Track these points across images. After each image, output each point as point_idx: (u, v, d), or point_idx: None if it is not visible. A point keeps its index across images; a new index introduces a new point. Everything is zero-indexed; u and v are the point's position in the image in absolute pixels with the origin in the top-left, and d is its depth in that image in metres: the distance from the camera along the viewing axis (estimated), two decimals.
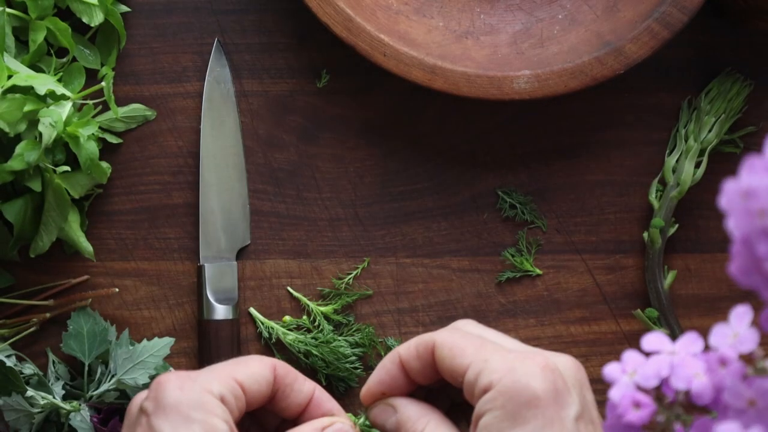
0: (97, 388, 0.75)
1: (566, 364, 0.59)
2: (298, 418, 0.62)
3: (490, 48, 0.78)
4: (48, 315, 0.77)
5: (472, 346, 0.59)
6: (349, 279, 0.80)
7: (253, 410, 0.63)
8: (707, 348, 0.45)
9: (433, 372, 0.61)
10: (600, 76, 0.76)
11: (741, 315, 0.44)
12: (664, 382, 0.45)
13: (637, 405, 0.45)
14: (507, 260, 0.80)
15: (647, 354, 0.46)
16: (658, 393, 0.46)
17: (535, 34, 0.78)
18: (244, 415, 0.62)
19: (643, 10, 0.76)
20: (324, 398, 0.63)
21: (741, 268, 0.40)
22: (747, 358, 0.43)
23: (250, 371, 0.60)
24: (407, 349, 0.61)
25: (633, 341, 0.80)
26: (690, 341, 0.46)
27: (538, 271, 0.80)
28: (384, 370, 0.62)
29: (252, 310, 0.79)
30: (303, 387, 0.62)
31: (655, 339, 0.47)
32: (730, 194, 0.39)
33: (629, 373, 0.46)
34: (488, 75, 0.76)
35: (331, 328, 0.79)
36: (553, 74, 0.76)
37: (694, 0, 0.75)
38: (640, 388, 0.46)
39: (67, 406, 0.74)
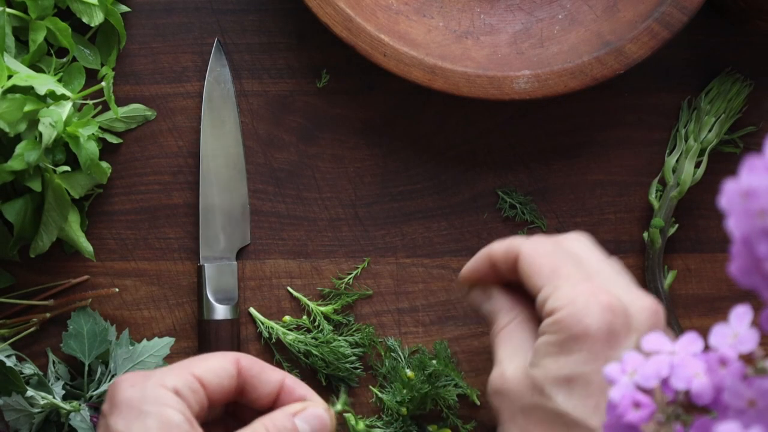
0: (97, 388, 0.75)
1: (641, 306, 0.61)
2: (272, 408, 0.62)
3: (490, 48, 0.78)
4: (48, 315, 0.77)
5: (549, 269, 0.62)
6: (349, 279, 0.80)
7: (230, 406, 0.63)
8: (707, 348, 0.45)
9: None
10: (600, 76, 0.76)
11: (741, 315, 0.44)
12: (664, 382, 0.45)
13: (637, 405, 0.45)
14: None
15: (647, 354, 0.46)
16: (658, 393, 0.46)
17: (535, 34, 0.78)
18: (223, 412, 0.63)
19: (643, 10, 0.76)
20: (296, 385, 0.63)
21: (741, 268, 0.40)
22: (747, 358, 0.43)
23: (209, 365, 0.61)
24: (498, 251, 0.66)
25: None
26: (690, 341, 0.46)
27: None
28: (478, 262, 0.67)
29: (252, 310, 0.79)
30: (270, 377, 0.62)
31: (655, 339, 0.47)
32: (730, 194, 0.39)
33: (629, 373, 0.46)
34: (488, 75, 0.76)
35: (331, 328, 0.79)
36: (553, 74, 0.76)
37: (694, 0, 0.75)
38: (640, 388, 0.46)
39: (67, 406, 0.74)
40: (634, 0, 0.77)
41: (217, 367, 0.61)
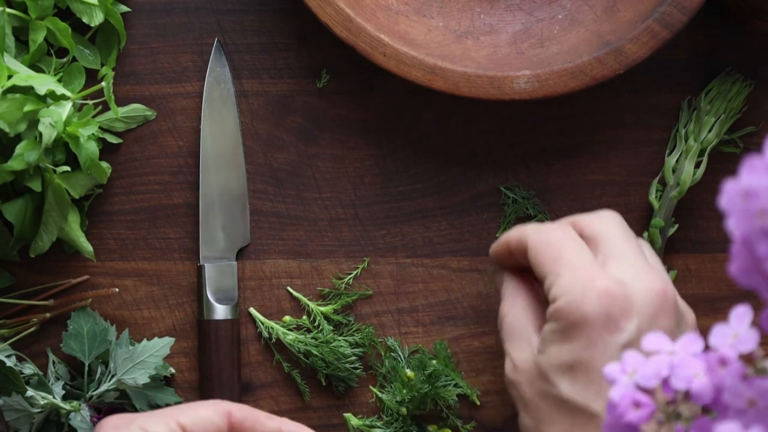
0: (97, 388, 0.75)
1: (646, 289, 0.63)
2: None
3: (490, 48, 0.78)
4: (48, 315, 0.77)
5: (551, 257, 0.65)
6: (349, 279, 0.80)
7: None
8: (707, 348, 0.45)
9: None
10: (600, 76, 0.76)
11: (741, 315, 0.44)
12: (664, 382, 0.45)
13: (637, 405, 0.45)
14: None
15: (647, 354, 0.46)
16: (658, 393, 0.46)
17: (535, 34, 0.78)
18: None
19: (643, 10, 0.76)
20: (293, 431, 0.63)
21: (741, 268, 0.40)
22: (747, 358, 0.43)
23: (197, 416, 0.60)
24: (513, 239, 0.69)
25: None
26: (690, 341, 0.46)
27: None
28: (499, 247, 0.71)
29: (252, 310, 0.79)
30: (265, 428, 0.62)
31: (655, 339, 0.47)
32: (730, 194, 0.39)
33: (629, 373, 0.46)
34: (488, 75, 0.76)
35: (331, 328, 0.79)
36: (553, 74, 0.76)
37: (694, 0, 0.75)
38: (640, 388, 0.46)
39: (67, 406, 0.74)
40: (634, 0, 0.77)
41: (204, 419, 0.60)
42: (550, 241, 0.66)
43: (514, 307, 0.69)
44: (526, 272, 0.71)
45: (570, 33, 0.78)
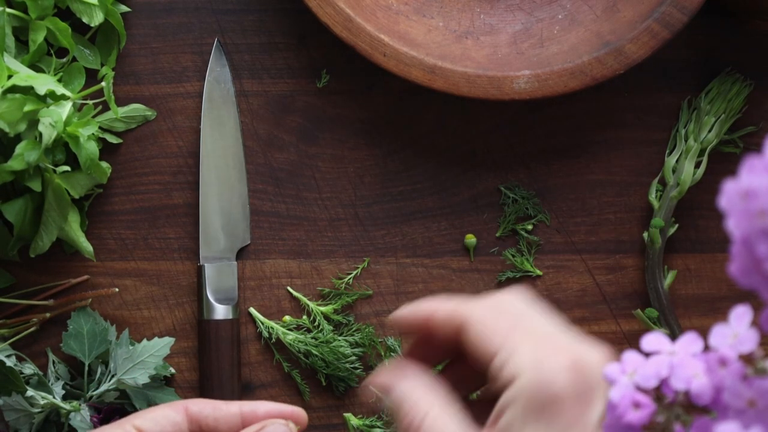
0: (97, 388, 0.75)
1: (599, 359, 0.54)
2: None
3: (490, 48, 0.78)
4: (48, 315, 0.77)
5: (503, 331, 0.55)
6: (349, 279, 0.80)
7: None
8: (707, 348, 0.45)
9: (457, 345, 0.56)
10: (600, 76, 0.76)
11: (741, 315, 0.44)
12: (664, 382, 0.45)
13: (637, 405, 0.45)
14: (507, 260, 0.80)
15: (647, 354, 0.46)
16: (658, 393, 0.46)
17: (535, 34, 0.78)
18: None
19: (643, 10, 0.76)
20: (256, 408, 0.63)
21: (741, 268, 0.40)
22: (747, 358, 0.43)
23: (151, 415, 0.61)
24: (440, 316, 0.57)
25: (633, 341, 0.80)
26: (690, 341, 0.46)
27: (538, 272, 0.80)
28: (415, 317, 0.58)
29: (252, 310, 0.79)
30: (225, 413, 0.62)
31: (655, 339, 0.47)
32: (730, 194, 0.39)
33: (629, 373, 0.46)
34: (488, 75, 0.76)
35: (331, 328, 0.79)
36: (553, 74, 0.76)
37: (694, 0, 0.75)
38: (640, 388, 0.46)
39: (67, 406, 0.74)
40: (634, 0, 0.77)
41: (158, 416, 0.61)
42: (495, 315, 0.56)
43: (436, 406, 0.55)
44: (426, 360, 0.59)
45: (570, 33, 0.78)
